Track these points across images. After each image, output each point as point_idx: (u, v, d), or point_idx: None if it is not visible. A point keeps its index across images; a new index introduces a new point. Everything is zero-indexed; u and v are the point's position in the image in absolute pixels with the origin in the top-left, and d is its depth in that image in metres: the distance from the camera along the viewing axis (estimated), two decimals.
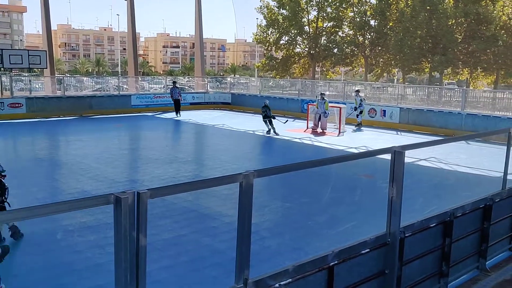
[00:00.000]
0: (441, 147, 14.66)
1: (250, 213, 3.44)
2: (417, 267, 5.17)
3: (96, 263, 6.85)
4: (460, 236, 5.75)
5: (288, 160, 13.95)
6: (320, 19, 47.70)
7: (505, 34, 37.89)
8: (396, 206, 4.54)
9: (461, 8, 38.36)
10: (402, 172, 4.50)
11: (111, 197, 2.75)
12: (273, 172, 4.08)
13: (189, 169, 13.56)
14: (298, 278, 3.89)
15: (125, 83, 31.48)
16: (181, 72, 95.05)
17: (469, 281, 5.93)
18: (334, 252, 4.20)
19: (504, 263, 6.51)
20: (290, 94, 28.53)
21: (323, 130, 20.64)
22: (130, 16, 33.27)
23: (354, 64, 48.96)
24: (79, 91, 27.72)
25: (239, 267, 3.47)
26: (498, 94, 23.26)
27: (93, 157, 14.43)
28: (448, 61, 39.81)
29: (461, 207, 5.77)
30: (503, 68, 39.62)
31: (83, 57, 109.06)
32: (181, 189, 3.48)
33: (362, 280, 4.50)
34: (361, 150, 16.40)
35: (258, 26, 49.15)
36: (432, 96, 24.18)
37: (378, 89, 27.60)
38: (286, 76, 48.21)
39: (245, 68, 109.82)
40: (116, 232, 2.77)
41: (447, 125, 20.60)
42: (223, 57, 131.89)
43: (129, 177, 12.60)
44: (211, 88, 32.09)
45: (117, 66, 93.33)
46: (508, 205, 6.72)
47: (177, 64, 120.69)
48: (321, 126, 20.71)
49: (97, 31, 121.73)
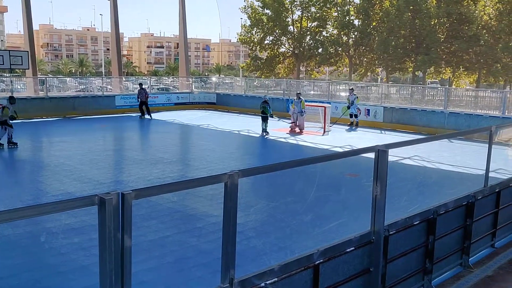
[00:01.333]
0: (424, 145, 14.81)
1: (235, 213, 3.45)
2: (402, 265, 5.23)
3: (81, 265, 6.79)
4: (444, 233, 5.82)
5: (273, 159, 13.99)
6: (304, 19, 47.91)
7: (486, 33, 38.45)
8: (380, 204, 4.59)
9: (444, 8, 38.83)
10: (386, 170, 4.54)
11: (95, 198, 2.74)
12: (258, 172, 4.09)
13: (175, 169, 13.51)
14: (284, 277, 3.91)
15: (109, 83, 31.27)
16: (166, 72, 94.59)
17: (453, 278, 6.00)
18: (319, 250, 4.22)
19: (487, 259, 6.60)
20: (275, 94, 28.57)
21: (301, 129, 20.62)
22: (113, 16, 32.99)
23: (339, 63, 49.25)
24: (62, 92, 27.41)
25: (224, 267, 3.47)
26: (480, 93, 23.58)
27: (77, 159, 14.30)
28: (431, 60, 40.27)
29: (444, 204, 5.84)
30: (485, 67, 40.19)
31: (66, 57, 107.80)
32: (166, 189, 3.47)
33: (347, 278, 4.54)
34: (345, 149, 16.50)
35: (243, 26, 49.23)
36: (415, 95, 24.41)
37: (362, 89, 27.76)
38: (271, 76, 48.31)
39: (230, 68, 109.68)
40: (101, 233, 2.76)
41: (430, 124, 20.82)
42: (207, 57, 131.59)
43: (114, 178, 12.51)
44: (196, 88, 32.00)
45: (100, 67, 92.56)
46: (490, 202, 6.83)
47: (161, 64, 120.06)
48: (298, 125, 20.73)
49: (80, 31, 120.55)
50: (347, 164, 12.56)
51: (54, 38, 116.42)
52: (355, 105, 22.58)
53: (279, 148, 17.91)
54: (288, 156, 16.03)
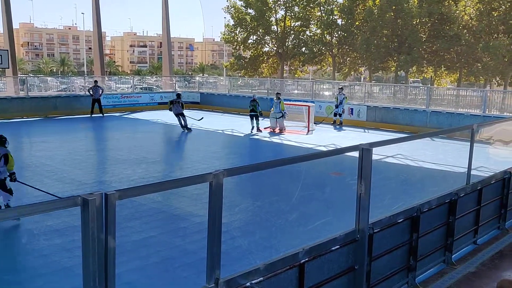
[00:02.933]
0: (407, 144, 14.98)
1: (220, 213, 3.43)
2: (386, 262, 5.26)
3: (64, 266, 6.71)
4: (427, 230, 5.88)
5: (258, 159, 13.99)
6: (287, 19, 47.98)
7: (467, 33, 38.91)
8: (364, 202, 4.61)
9: (425, 8, 39.22)
10: (370, 169, 4.56)
11: (78, 199, 2.70)
12: (243, 171, 4.08)
13: (159, 169, 13.43)
14: (269, 276, 3.91)
15: (91, 83, 30.91)
16: (149, 71, 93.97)
17: (436, 275, 6.06)
18: (304, 249, 4.23)
19: (469, 256, 6.68)
20: (259, 93, 28.55)
21: (281, 130, 20.52)
22: (95, 15, 32.68)
23: (322, 63, 49.44)
24: (43, 92, 27.01)
25: (210, 267, 3.45)
26: (461, 92, 23.87)
27: (59, 159, 14.12)
28: (413, 60, 40.65)
29: (427, 202, 5.89)
30: (466, 67, 40.70)
31: (47, 56, 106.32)
32: (150, 189, 3.44)
33: (333, 276, 4.55)
34: (329, 148, 16.57)
35: (226, 25, 49.14)
36: (398, 94, 24.65)
37: (346, 88, 27.91)
38: (255, 75, 48.29)
39: (213, 67, 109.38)
40: (84, 234, 2.72)
41: (413, 123, 21.03)
42: (191, 56, 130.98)
43: (97, 179, 12.39)
44: (180, 87, 31.83)
45: (82, 66, 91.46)
46: (472, 200, 6.91)
47: (144, 63, 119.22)
48: (278, 125, 20.63)
49: (62, 30, 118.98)
50: (332, 163, 12.62)
51: (35, 37, 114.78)
52: (343, 104, 22.57)
53: (263, 148, 17.92)
54: (272, 156, 16.05)
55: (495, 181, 7.48)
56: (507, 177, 7.63)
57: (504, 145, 15.80)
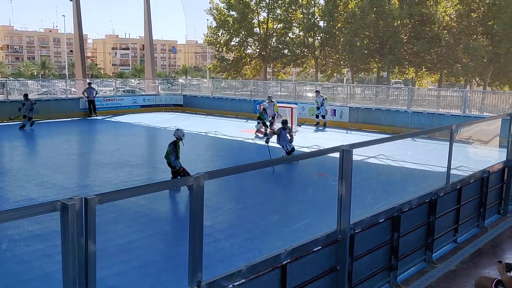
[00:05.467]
0: (388, 144, 15.11)
1: (201, 215, 3.44)
2: (368, 262, 5.32)
3: (45, 272, 6.64)
4: (408, 230, 5.95)
5: (240, 161, 13.98)
6: (270, 21, 48.09)
7: (447, 34, 39.46)
8: (346, 203, 4.65)
9: (406, 10, 39.67)
10: (351, 169, 4.61)
11: (57, 204, 2.68)
12: (225, 174, 4.08)
13: (141, 172, 13.36)
14: (252, 278, 3.92)
15: (73, 86, 30.62)
16: (132, 74, 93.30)
17: (417, 273, 6.14)
18: (286, 250, 4.25)
19: (450, 254, 6.78)
20: (242, 95, 28.60)
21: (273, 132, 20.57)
22: (76, 17, 32.38)
23: (305, 64, 49.66)
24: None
25: (192, 270, 3.46)
26: (442, 92, 24.20)
27: (40, 163, 13.96)
28: (394, 61, 41.08)
29: (408, 202, 5.97)
30: (446, 67, 41.25)
31: (28, 59, 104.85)
32: (131, 193, 3.43)
33: (315, 277, 4.59)
34: (312, 149, 16.65)
35: (209, 27, 49.02)
36: (380, 95, 24.86)
37: (328, 89, 28.08)
38: (238, 77, 48.30)
39: (196, 69, 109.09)
40: (64, 239, 2.71)
41: (395, 123, 21.24)
42: (174, 58, 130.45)
43: (78, 183, 12.26)
44: (162, 90, 31.68)
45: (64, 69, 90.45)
46: (452, 199, 7.02)
47: (127, 66, 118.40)
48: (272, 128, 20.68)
49: (42, 33, 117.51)
50: (316, 164, 12.69)
51: (15, 40, 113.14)
52: (324, 106, 22.76)
53: (247, 149, 17.93)
54: (255, 157, 16.07)
55: (474, 180, 7.60)
56: (485, 176, 7.76)
57: (483, 144, 16.02)
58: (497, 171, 8.33)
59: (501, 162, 8.51)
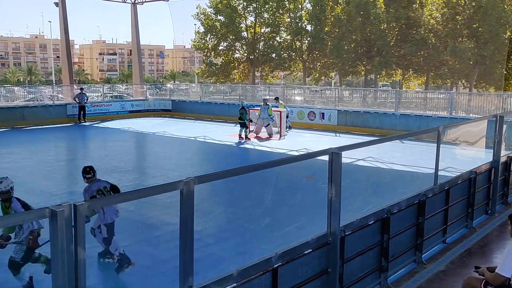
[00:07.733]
0: (377, 147, 15.17)
1: (192, 220, 3.43)
2: (358, 264, 5.34)
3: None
4: (397, 231, 5.99)
5: (230, 165, 13.95)
6: (257, 25, 48.23)
7: (433, 37, 39.87)
8: (335, 206, 4.67)
9: (393, 13, 40.04)
10: (340, 172, 4.63)
11: (46, 210, 2.67)
12: (214, 178, 4.08)
13: (130, 178, 13.28)
14: (243, 282, 3.92)
15: (60, 92, 30.41)
16: (119, 79, 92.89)
17: (408, 274, 6.17)
18: (277, 254, 4.26)
19: (439, 255, 6.83)
20: (231, 99, 28.58)
21: (270, 135, 20.60)
22: (63, 23, 32.21)
23: (293, 68, 49.82)
24: (10, 102, 26.37)
25: (182, 275, 3.45)
26: (428, 95, 24.42)
27: (28, 170, 13.82)
28: (382, 64, 41.41)
29: (397, 203, 6.01)
30: (433, 70, 41.66)
31: (14, 66, 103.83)
32: (120, 199, 3.42)
33: (306, 280, 4.59)
34: (302, 152, 16.68)
35: (196, 32, 49.04)
36: (368, 98, 25.01)
37: (316, 92, 28.19)
38: (227, 82, 48.31)
39: (185, 74, 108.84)
40: (53, 246, 2.69)
41: (383, 126, 21.36)
42: (162, 63, 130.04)
43: (67, 189, 12.15)
44: (151, 95, 31.56)
45: (51, 75, 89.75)
46: (441, 200, 7.08)
47: (114, 71, 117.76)
48: (267, 132, 20.70)
49: (28, 39, 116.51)
50: (305, 167, 12.70)
51: (0, 46, 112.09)
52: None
53: (236, 154, 17.92)
54: (245, 161, 16.08)
55: (461, 181, 7.67)
56: (473, 176, 7.84)
57: (470, 145, 16.20)
58: (484, 171, 8.42)
59: (488, 162, 8.60)
